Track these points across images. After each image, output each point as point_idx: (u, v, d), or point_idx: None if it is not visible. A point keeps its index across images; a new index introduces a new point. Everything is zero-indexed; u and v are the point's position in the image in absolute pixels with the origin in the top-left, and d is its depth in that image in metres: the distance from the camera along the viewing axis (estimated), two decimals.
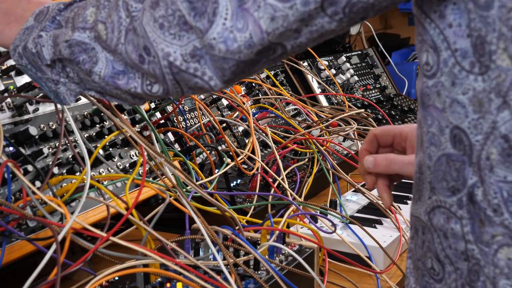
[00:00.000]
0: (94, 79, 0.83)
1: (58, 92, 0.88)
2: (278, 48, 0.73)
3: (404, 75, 2.77)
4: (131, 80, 0.81)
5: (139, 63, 0.78)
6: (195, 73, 0.76)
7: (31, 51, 0.86)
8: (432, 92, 0.69)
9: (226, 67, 0.74)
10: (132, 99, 0.85)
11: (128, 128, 1.00)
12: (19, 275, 1.02)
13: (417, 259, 0.77)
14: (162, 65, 0.76)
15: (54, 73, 0.87)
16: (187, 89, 0.79)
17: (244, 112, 1.67)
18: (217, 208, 1.19)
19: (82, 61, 0.82)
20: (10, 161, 0.94)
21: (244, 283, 1.01)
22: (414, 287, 0.79)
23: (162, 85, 0.79)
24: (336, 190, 1.58)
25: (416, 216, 0.76)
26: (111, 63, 0.81)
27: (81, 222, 0.95)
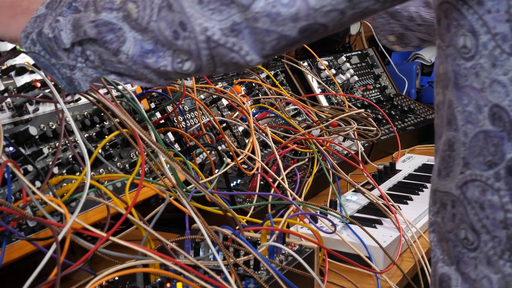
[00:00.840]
0: (120, 58, 0.83)
1: (73, 78, 0.88)
2: (320, 28, 0.75)
3: (404, 75, 2.77)
4: (161, 58, 0.81)
5: (172, 40, 0.79)
6: (232, 48, 0.77)
7: (48, 36, 0.87)
8: (470, 73, 0.74)
9: (267, 40, 0.76)
10: (158, 79, 0.85)
11: (134, 125, 1.00)
12: (19, 275, 1.02)
13: (446, 232, 0.81)
14: (198, 40, 0.77)
15: (71, 58, 0.87)
16: (220, 65, 0.80)
17: (244, 112, 1.67)
18: (218, 208, 1.19)
19: (110, 40, 0.83)
20: (10, 161, 0.94)
21: (244, 283, 1.01)
22: (442, 258, 0.83)
23: (195, 62, 0.80)
24: (336, 190, 1.58)
25: (445, 191, 0.80)
26: (139, 43, 0.82)
27: (81, 222, 0.95)
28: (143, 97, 1.41)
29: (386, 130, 2.18)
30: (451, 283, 0.81)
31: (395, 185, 1.78)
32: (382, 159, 2.14)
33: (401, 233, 1.42)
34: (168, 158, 1.01)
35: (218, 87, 1.76)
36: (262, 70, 2.05)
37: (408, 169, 1.91)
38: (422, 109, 2.46)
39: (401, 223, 1.46)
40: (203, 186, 1.04)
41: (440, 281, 0.84)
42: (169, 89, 1.53)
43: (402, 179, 1.83)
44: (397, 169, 1.89)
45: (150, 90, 1.52)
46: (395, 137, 2.14)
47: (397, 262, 1.34)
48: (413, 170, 1.92)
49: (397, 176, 1.84)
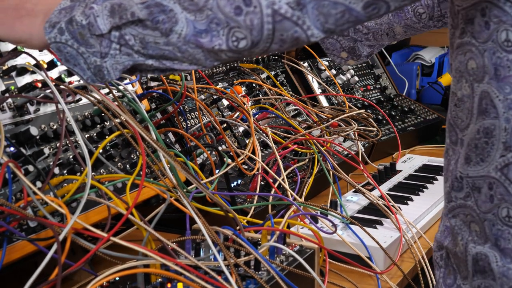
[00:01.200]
0: (171, 39, 0.85)
1: (102, 66, 0.89)
2: (383, 6, 0.79)
3: (404, 76, 2.77)
4: (215, 37, 0.83)
5: (234, 16, 0.81)
6: (297, 21, 0.80)
7: (80, 23, 0.87)
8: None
9: (333, 13, 0.79)
10: (205, 60, 0.87)
11: (134, 123, 1.00)
12: (20, 275, 1.02)
13: (482, 213, 0.88)
14: (264, 14, 0.80)
15: (103, 44, 0.88)
16: (278, 40, 0.83)
17: (245, 113, 1.67)
18: (219, 208, 1.19)
19: (162, 20, 0.84)
20: (11, 162, 0.94)
21: (245, 284, 1.01)
22: (472, 239, 0.90)
23: (252, 38, 0.82)
24: (337, 190, 1.58)
25: (479, 175, 0.88)
26: (191, 23, 0.83)
27: (82, 222, 0.95)
28: (144, 97, 1.41)
29: (386, 131, 2.18)
30: (490, 260, 0.88)
31: (396, 185, 1.78)
32: (382, 160, 2.14)
33: (401, 233, 1.42)
34: (168, 157, 1.02)
35: (219, 88, 1.76)
36: (262, 70, 2.05)
37: (409, 170, 1.91)
38: (422, 110, 2.46)
39: (401, 223, 1.46)
40: (204, 186, 1.04)
41: (475, 260, 0.90)
42: (169, 89, 1.53)
43: (403, 179, 1.83)
44: (397, 169, 1.89)
45: (151, 90, 1.52)
46: (395, 138, 2.14)
47: (397, 262, 1.34)
48: (414, 170, 1.92)
49: (397, 176, 1.84)
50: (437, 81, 2.82)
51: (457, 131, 0.91)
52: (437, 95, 2.78)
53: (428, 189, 1.75)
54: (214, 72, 1.87)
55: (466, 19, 0.86)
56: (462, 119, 0.90)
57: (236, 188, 1.53)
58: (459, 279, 0.94)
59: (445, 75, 2.86)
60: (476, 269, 0.90)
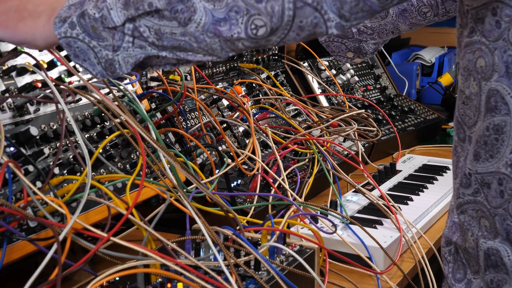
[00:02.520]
0: (189, 28, 0.85)
1: (114, 60, 0.89)
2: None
3: (404, 76, 2.77)
4: (234, 26, 0.84)
5: (254, 3, 0.82)
6: (317, 7, 0.81)
7: (93, 17, 0.88)
8: None
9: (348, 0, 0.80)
10: (221, 50, 0.88)
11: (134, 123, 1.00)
12: (20, 275, 1.02)
13: (493, 208, 0.90)
14: (285, 1, 0.81)
15: (116, 38, 0.88)
16: (296, 28, 0.83)
17: (245, 113, 1.67)
18: (219, 208, 1.19)
19: (181, 10, 0.85)
20: (11, 162, 0.94)
21: (245, 284, 1.01)
22: (482, 234, 0.92)
23: (272, 25, 0.83)
24: (337, 190, 1.58)
25: (488, 171, 0.89)
26: (210, 12, 0.84)
27: (82, 222, 0.95)
28: (143, 97, 1.41)
29: (386, 131, 2.18)
30: (502, 255, 0.90)
31: (396, 185, 1.78)
32: (382, 160, 2.14)
33: (401, 233, 1.42)
34: (168, 157, 1.02)
35: (219, 88, 1.76)
36: (262, 70, 2.05)
37: (409, 170, 1.91)
38: (422, 110, 2.46)
39: (401, 223, 1.46)
40: (204, 186, 1.04)
41: (487, 254, 0.92)
42: (169, 89, 1.53)
43: (403, 179, 1.83)
44: (397, 169, 1.90)
45: (151, 90, 1.52)
46: (395, 138, 2.14)
47: (397, 262, 1.34)
48: (414, 170, 1.92)
49: (397, 176, 1.84)
50: (437, 81, 2.82)
51: (465, 128, 0.93)
52: (437, 95, 2.78)
53: (428, 189, 1.75)
54: (214, 72, 1.87)
55: (476, 18, 0.87)
56: (470, 116, 0.91)
57: (236, 188, 1.53)
58: (470, 273, 0.96)
59: (445, 75, 2.86)
60: (488, 263, 0.92)
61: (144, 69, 0.94)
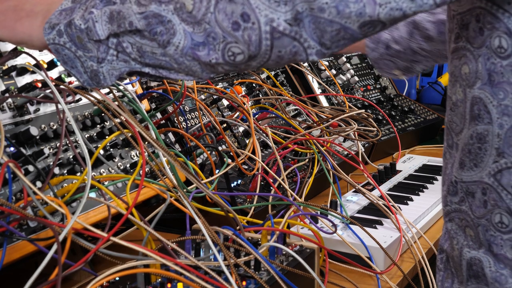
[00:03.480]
0: (168, 50, 0.84)
1: (99, 71, 0.89)
2: (379, 24, 0.79)
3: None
4: (212, 51, 0.83)
5: (231, 31, 0.80)
6: (295, 36, 0.79)
7: (79, 27, 0.87)
8: (506, 70, 0.81)
9: (328, 30, 0.79)
10: (201, 72, 0.87)
11: (134, 122, 1.00)
12: (20, 275, 1.02)
13: (476, 218, 0.88)
14: (262, 31, 0.79)
15: (101, 50, 0.87)
16: (275, 57, 0.82)
17: (245, 113, 1.67)
18: (219, 208, 1.19)
19: (160, 32, 0.83)
20: (11, 162, 0.94)
21: (245, 284, 1.01)
22: (467, 243, 0.90)
23: (249, 53, 0.82)
24: (337, 190, 1.58)
25: (472, 180, 0.87)
26: (189, 35, 0.83)
27: (82, 222, 0.95)
28: (143, 97, 1.41)
29: (386, 131, 2.18)
30: (483, 265, 0.88)
31: (396, 185, 1.78)
32: (382, 160, 2.14)
33: (401, 233, 1.42)
34: (168, 156, 1.02)
35: (219, 88, 1.76)
36: (262, 70, 2.05)
37: (409, 170, 1.91)
38: (422, 110, 2.46)
39: (401, 223, 1.46)
40: (204, 186, 1.04)
41: (469, 264, 0.90)
42: (169, 89, 1.53)
43: (403, 179, 1.83)
44: (397, 169, 1.90)
45: (151, 90, 1.52)
46: (395, 138, 2.14)
47: (397, 262, 1.34)
48: (414, 170, 1.92)
49: (397, 176, 1.84)
50: (437, 81, 2.83)
51: (453, 135, 0.91)
52: (437, 95, 2.79)
53: (428, 189, 1.75)
54: None
55: (462, 24, 0.86)
56: (456, 123, 0.90)
57: (236, 188, 1.53)
58: (456, 283, 0.94)
59: (445, 75, 2.86)
60: (470, 273, 0.90)
61: (130, 76, 0.94)
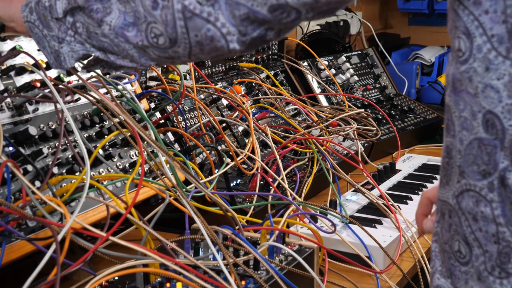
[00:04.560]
0: (104, 29, 0.83)
1: (60, 52, 0.89)
2: (293, 11, 0.74)
3: (404, 75, 2.77)
4: (138, 32, 0.81)
5: (151, 9, 0.78)
6: (208, 18, 0.76)
7: (44, 5, 0.88)
8: (464, 77, 0.71)
9: (237, 14, 0.75)
10: (139, 57, 0.85)
11: (133, 123, 1.00)
12: (19, 274, 1.02)
13: (444, 242, 0.78)
14: (175, 10, 0.76)
15: (61, 30, 0.88)
16: (195, 43, 0.78)
17: (244, 112, 1.67)
18: (218, 208, 1.19)
19: (96, 9, 0.83)
20: (10, 161, 0.94)
21: (244, 283, 1.01)
22: (440, 270, 0.80)
23: (168, 35, 0.79)
24: (336, 190, 1.58)
25: (443, 200, 0.77)
26: (123, 15, 0.81)
27: (81, 222, 0.95)
28: (142, 97, 1.41)
29: (386, 130, 2.18)
30: None
31: (395, 185, 1.78)
32: (382, 159, 2.14)
33: (401, 233, 1.42)
34: (167, 156, 1.01)
35: (218, 87, 1.76)
36: (262, 70, 2.05)
37: (408, 169, 1.91)
38: (422, 109, 2.46)
39: (401, 223, 1.46)
40: (202, 185, 1.04)
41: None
42: (169, 89, 1.53)
43: (402, 179, 1.83)
44: (397, 169, 1.89)
45: (150, 90, 1.52)
46: (395, 137, 2.14)
47: (397, 262, 1.34)
48: (413, 170, 1.92)
49: (397, 176, 1.84)
50: (437, 80, 2.82)
51: None
52: (437, 94, 2.78)
53: (427, 188, 1.75)
54: (214, 71, 1.87)
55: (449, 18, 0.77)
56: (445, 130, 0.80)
57: (235, 187, 1.53)
58: None
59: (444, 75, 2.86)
60: None
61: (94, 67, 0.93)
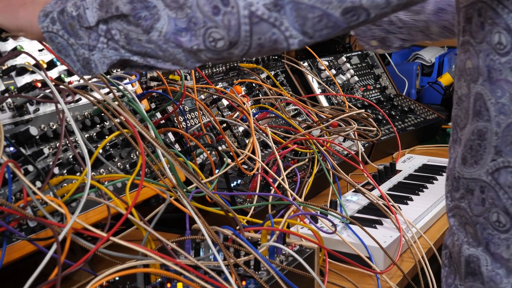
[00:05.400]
0: (152, 36, 0.84)
1: (90, 59, 0.89)
2: (363, 13, 0.78)
3: (404, 75, 2.77)
4: (194, 37, 0.83)
5: (211, 15, 0.80)
6: (274, 23, 0.79)
7: (71, 14, 0.88)
8: (505, 67, 0.81)
9: (310, 16, 0.78)
10: (186, 60, 0.86)
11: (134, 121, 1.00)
12: (20, 275, 1.02)
13: (475, 215, 0.87)
14: (241, 15, 0.79)
15: (92, 37, 0.88)
16: (256, 45, 0.81)
17: (245, 112, 1.67)
18: (219, 208, 1.19)
19: (144, 17, 0.84)
20: (11, 161, 0.94)
21: (245, 284, 1.01)
22: (467, 240, 0.89)
23: (229, 39, 0.81)
24: (336, 190, 1.58)
25: (473, 177, 0.86)
26: (173, 21, 0.83)
27: (82, 222, 0.95)
28: (143, 97, 1.41)
29: (386, 131, 2.18)
30: (481, 263, 0.87)
31: (395, 185, 1.78)
32: (382, 160, 2.14)
33: (401, 233, 1.42)
34: (167, 155, 1.01)
35: (219, 88, 1.76)
36: (262, 70, 2.05)
37: (408, 170, 1.91)
38: (422, 110, 2.46)
39: (401, 223, 1.46)
40: (203, 185, 1.04)
41: (467, 261, 0.89)
42: (169, 89, 1.53)
43: (402, 179, 1.83)
44: (397, 169, 1.89)
45: (151, 90, 1.52)
46: (395, 138, 2.14)
47: (397, 262, 1.34)
48: (413, 170, 1.92)
49: (397, 176, 1.84)
50: (437, 81, 2.82)
51: (458, 129, 0.91)
52: (437, 95, 2.78)
53: (428, 189, 1.75)
54: (214, 72, 1.87)
55: (466, 17, 0.85)
56: (461, 118, 0.90)
57: (236, 188, 1.53)
58: (457, 279, 0.94)
59: (445, 75, 2.86)
60: (468, 270, 0.90)
61: (124, 68, 0.94)
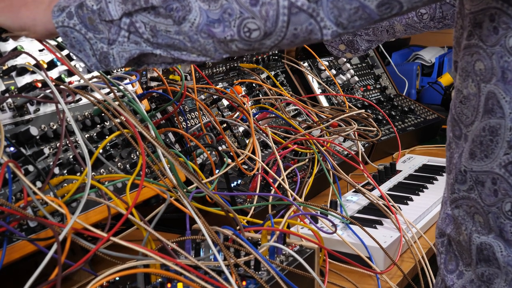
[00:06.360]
0: (183, 27, 0.86)
1: (109, 53, 0.90)
2: (396, 6, 0.81)
3: (404, 76, 2.77)
4: (227, 28, 0.84)
5: (249, 6, 0.82)
6: (312, 13, 0.81)
7: (91, 8, 0.89)
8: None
9: (347, 8, 0.81)
10: (214, 52, 0.88)
11: (134, 121, 1.00)
12: (20, 275, 1.02)
13: (487, 205, 0.91)
14: (280, 6, 0.81)
15: (112, 31, 0.89)
16: (290, 35, 0.83)
17: (245, 113, 1.67)
18: (220, 208, 1.19)
19: (176, 8, 0.85)
20: (11, 162, 0.94)
21: (245, 284, 1.01)
22: (476, 229, 0.93)
23: (265, 30, 0.83)
24: (337, 190, 1.58)
25: (483, 170, 0.90)
26: (205, 12, 0.84)
27: (82, 222, 0.95)
28: (144, 97, 1.41)
29: (386, 131, 2.18)
30: (495, 250, 0.90)
31: (396, 185, 1.78)
32: (382, 160, 2.14)
33: (401, 233, 1.42)
34: (168, 155, 1.02)
35: (219, 88, 1.76)
36: (262, 70, 2.05)
37: (409, 170, 1.91)
38: (422, 110, 2.46)
39: (401, 223, 1.46)
40: (204, 185, 1.04)
41: (480, 249, 0.93)
42: (169, 89, 1.53)
43: (403, 179, 1.83)
44: (397, 169, 1.89)
45: (151, 90, 1.52)
46: (395, 138, 2.14)
47: (397, 262, 1.34)
48: (414, 170, 1.92)
49: (397, 176, 1.84)
50: (437, 81, 2.82)
51: (461, 126, 0.94)
52: (437, 95, 2.78)
53: (428, 189, 1.75)
54: (214, 72, 1.87)
55: (474, 22, 0.88)
56: (467, 115, 0.93)
57: (236, 188, 1.53)
58: (462, 265, 0.97)
59: (445, 75, 2.86)
60: (480, 257, 0.93)
61: (140, 66, 0.94)
